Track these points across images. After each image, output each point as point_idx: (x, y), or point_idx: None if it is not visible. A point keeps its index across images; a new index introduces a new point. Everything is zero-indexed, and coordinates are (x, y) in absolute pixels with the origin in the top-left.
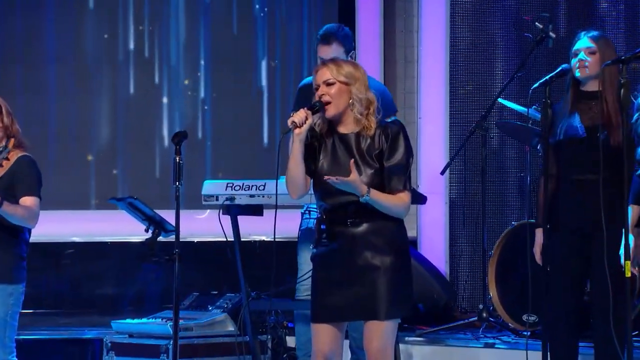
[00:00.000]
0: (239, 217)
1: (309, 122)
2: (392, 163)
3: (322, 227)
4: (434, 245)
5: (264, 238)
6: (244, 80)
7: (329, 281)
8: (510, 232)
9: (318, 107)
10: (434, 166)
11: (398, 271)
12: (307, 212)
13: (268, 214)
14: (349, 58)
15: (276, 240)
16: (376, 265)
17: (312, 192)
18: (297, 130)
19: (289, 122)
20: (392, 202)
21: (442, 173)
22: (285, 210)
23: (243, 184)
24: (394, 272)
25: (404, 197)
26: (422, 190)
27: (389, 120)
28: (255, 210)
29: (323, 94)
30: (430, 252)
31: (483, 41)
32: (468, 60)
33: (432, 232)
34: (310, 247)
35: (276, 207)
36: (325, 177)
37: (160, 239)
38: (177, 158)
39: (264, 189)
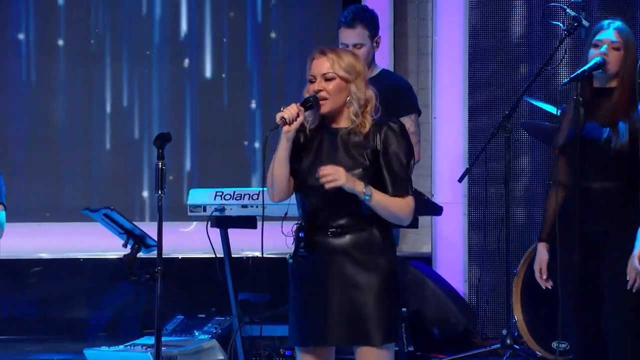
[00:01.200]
0: (230, 231)
1: (300, 119)
2: (393, 165)
3: (300, 234)
4: (451, 263)
5: (257, 254)
6: (236, 74)
7: (306, 297)
8: None
9: (312, 103)
10: (451, 173)
11: (385, 291)
12: None
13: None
14: (374, 44)
15: (270, 256)
16: (358, 283)
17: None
18: (286, 128)
19: (278, 117)
20: (396, 204)
21: (460, 180)
22: (280, 223)
23: (234, 192)
24: (379, 292)
25: (409, 201)
26: (437, 200)
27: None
28: (248, 222)
29: (320, 90)
30: (446, 270)
31: (507, 31)
32: (490, 52)
33: (448, 247)
34: (287, 257)
35: (263, 216)
36: (319, 176)
37: (140, 255)
38: (160, 163)
39: (257, 199)
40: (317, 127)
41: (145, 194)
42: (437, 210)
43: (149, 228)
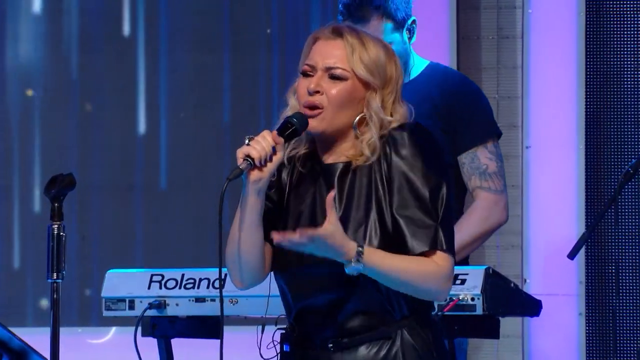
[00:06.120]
0: (174, 342)
1: (278, 157)
2: (406, 202)
3: (285, 347)
4: None
5: None
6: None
7: None
8: None
9: (297, 127)
10: (556, 242)
11: None
12: None
13: (231, 333)
14: (406, 33)
15: None
16: None
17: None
18: (254, 175)
19: (240, 156)
20: (413, 264)
21: (572, 256)
22: (258, 328)
23: (182, 276)
24: None
25: (442, 259)
26: (531, 289)
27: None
28: (207, 327)
29: (317, 91)
30: None
31: None
32: (622, 34)
33: None
34: None
35: (222, 314)
36: (274, 236)
37: None
38: (55, 227)
39: (224, 286)
40: (304, 159)
41: (27, 279)
42: (532, 307)
43: (37, 338)
